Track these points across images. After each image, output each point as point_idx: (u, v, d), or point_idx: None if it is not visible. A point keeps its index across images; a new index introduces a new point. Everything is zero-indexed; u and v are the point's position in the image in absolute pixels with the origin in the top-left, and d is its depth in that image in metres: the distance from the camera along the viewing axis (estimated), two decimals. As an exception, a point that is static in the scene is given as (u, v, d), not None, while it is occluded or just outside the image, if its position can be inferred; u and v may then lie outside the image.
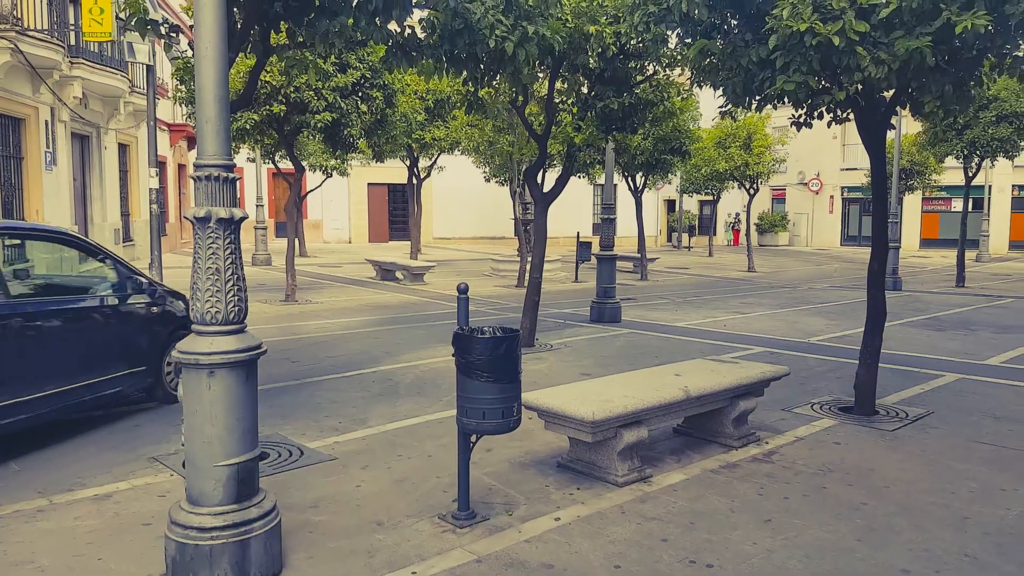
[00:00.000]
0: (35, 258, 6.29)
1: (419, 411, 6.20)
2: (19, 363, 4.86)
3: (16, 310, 4.91)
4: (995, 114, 16.25)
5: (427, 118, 17.91)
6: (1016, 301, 15.16)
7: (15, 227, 5.71)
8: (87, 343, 5.51)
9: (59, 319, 5.26)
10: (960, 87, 5.53)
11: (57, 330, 5.23)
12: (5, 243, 5.58)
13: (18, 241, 5.80)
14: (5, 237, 5.47)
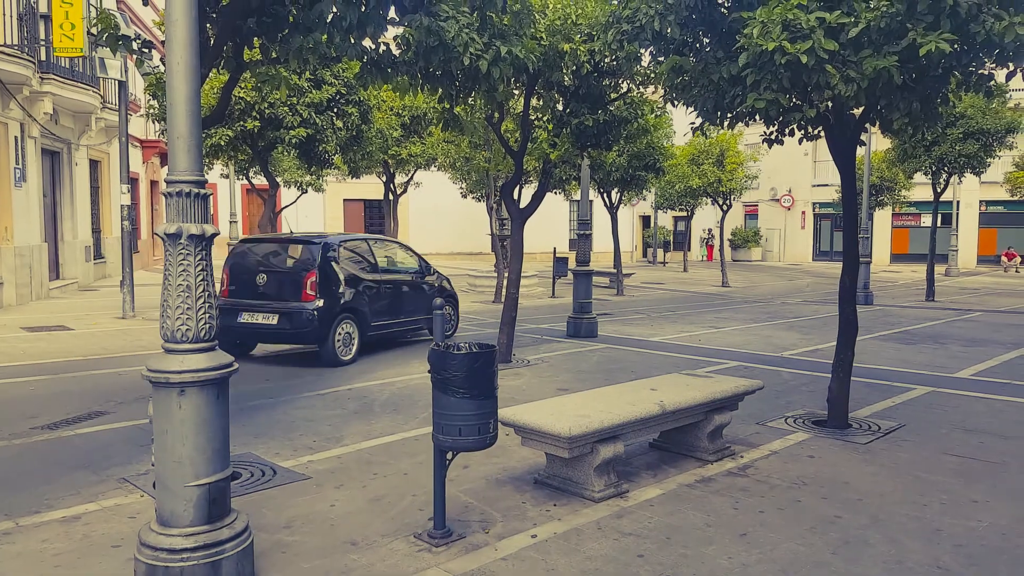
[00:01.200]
0: (386, 252, 10.64)
1: (395, 428, 6.14)
2: (388, 304, 9.99)
3: (383, 277, 9.98)
4: (962, 131, 16.65)
5: (403, 134, 17.92)
6: (985, 315, 15.47)
7: (378, 237, 11.00)
8: (412, 297, 10.50)
9: (401, 284, 10.33)
10: (927, 104, 5.66)
11: (399, 288, 10.29)
12: (373, 245, 10.28)
13: (375, 242, 10.50)
14: (375, 242, 10.46)
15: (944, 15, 4.53)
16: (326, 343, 8.84)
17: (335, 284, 9.03)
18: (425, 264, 11.00)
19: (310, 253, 9.01)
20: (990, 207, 33.14)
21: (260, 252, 9.39)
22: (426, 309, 10.45)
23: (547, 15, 7.59)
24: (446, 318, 7.93)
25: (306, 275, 8.83)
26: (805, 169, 36.97)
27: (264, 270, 9.05)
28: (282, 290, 8.95)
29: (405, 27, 5.67)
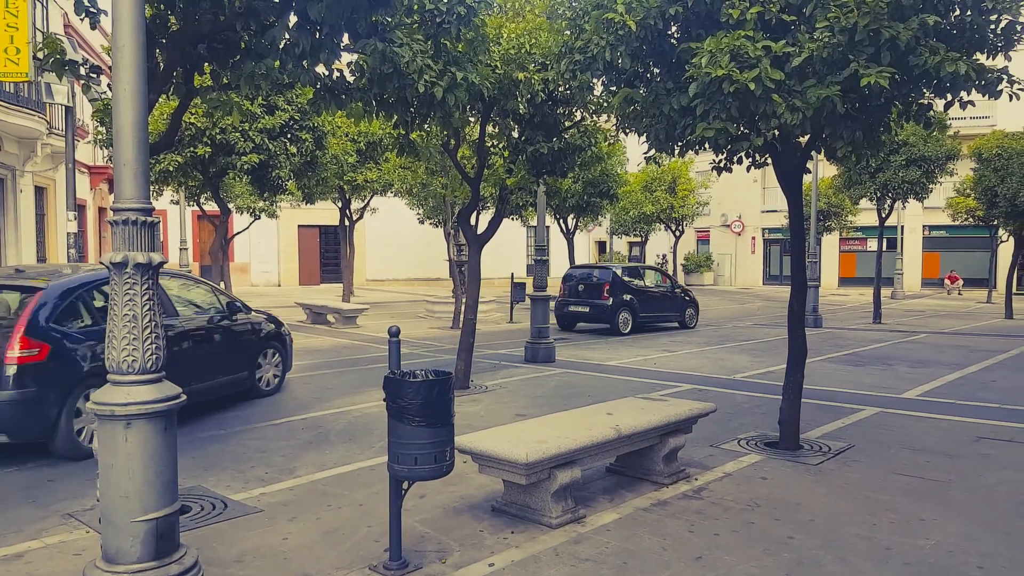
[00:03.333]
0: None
1: (350, 458, 6.04)
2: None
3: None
4: (905, 158, 17.32)
5: (359, 160, 17.87)
6: (930, 336, 15.99)
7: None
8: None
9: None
10: (870, 133, 5.88)
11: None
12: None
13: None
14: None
15: (884, 47, 4.74)
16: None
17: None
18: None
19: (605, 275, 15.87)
20: (933, 231, 34.39)
21: (581, 272, 16.47)
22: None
23: (501, 44, 7.69)
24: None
25: (602, 286, 15.44)
26: (754, 196, 37.93)
27: (584, 281, 15.92)
28: (592, 293, 15.53)
29: (359, 53, 5.68)
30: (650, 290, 16.79)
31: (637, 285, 16.32)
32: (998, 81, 5.23)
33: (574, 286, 16.12)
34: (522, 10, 8.31)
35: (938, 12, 4.86)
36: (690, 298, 17.75)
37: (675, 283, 17.85)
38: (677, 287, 17.70)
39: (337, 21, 5.18)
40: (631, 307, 15.73)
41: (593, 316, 15.66)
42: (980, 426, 7.34)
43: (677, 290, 17.58)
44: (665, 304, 17.00)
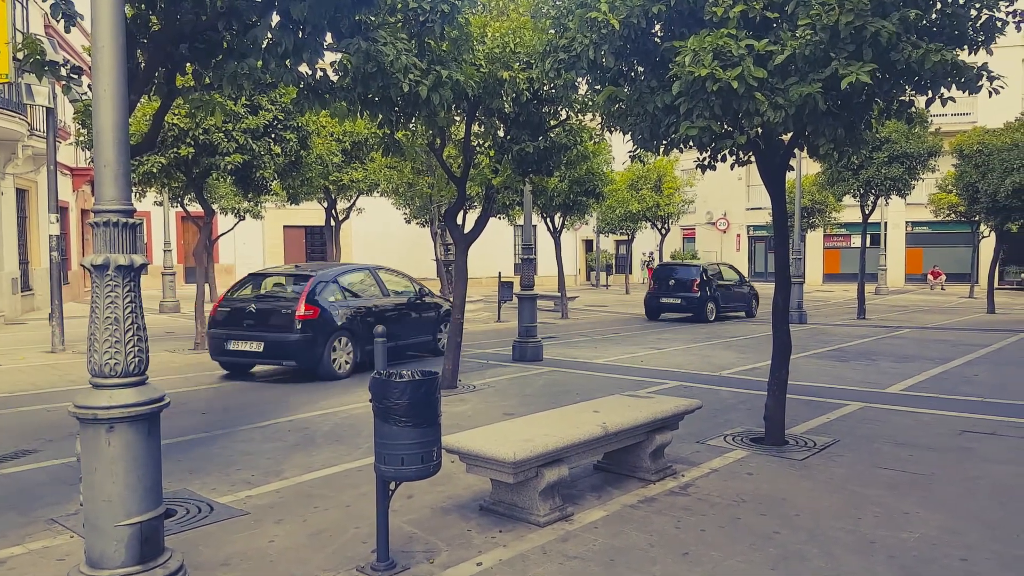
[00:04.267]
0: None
1: (337, 460, 6.01)
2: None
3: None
4: (887, 155, 17.48)
5: (344, 160, 17.79)
6: (913, 331, 16.15)
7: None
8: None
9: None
10: (852, 130, 5.92)
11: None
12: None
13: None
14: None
15: (866, 44, 4.78)
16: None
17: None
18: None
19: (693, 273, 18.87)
20: (916, 227, 34.76)
21: (671, 269, 19.71)
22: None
23: (486, 43, 7.68)
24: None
25: (692, 281, 18.38)
26: (739, 193, 38.15)
27: (673, 276, 18.88)
28: (683, 287, 18.56)
29: (342, 53, 5.66)
30: (727, 284, 19.69)
31: (718, 282, 19.12)
32: (978, 77, 5.28)
33: (665, 281, 18.91)
34: (506, 9, 8.31)
35: (919, 7, 4.90)
36: (754, 292, 20.56)
37: (743, 279, 20.58)
38: (745, 282, 20.47)
39: (320, 20, 5.16)
40: (715, 299, 18.70)
41: (683, 307, 18.54)
42: (963, 420, 7.41)
43: (745, 285, 20.41)
44: (737, 297, 19.96)
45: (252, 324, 9.80)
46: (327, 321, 9.77)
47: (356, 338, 10.06)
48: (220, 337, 9.99)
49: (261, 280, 10.91)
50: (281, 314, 9.73)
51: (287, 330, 9.57)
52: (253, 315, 9.86)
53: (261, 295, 10.49)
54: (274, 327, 9.70)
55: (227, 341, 9.88)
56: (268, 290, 10.66)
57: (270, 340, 9.61)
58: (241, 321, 9.86)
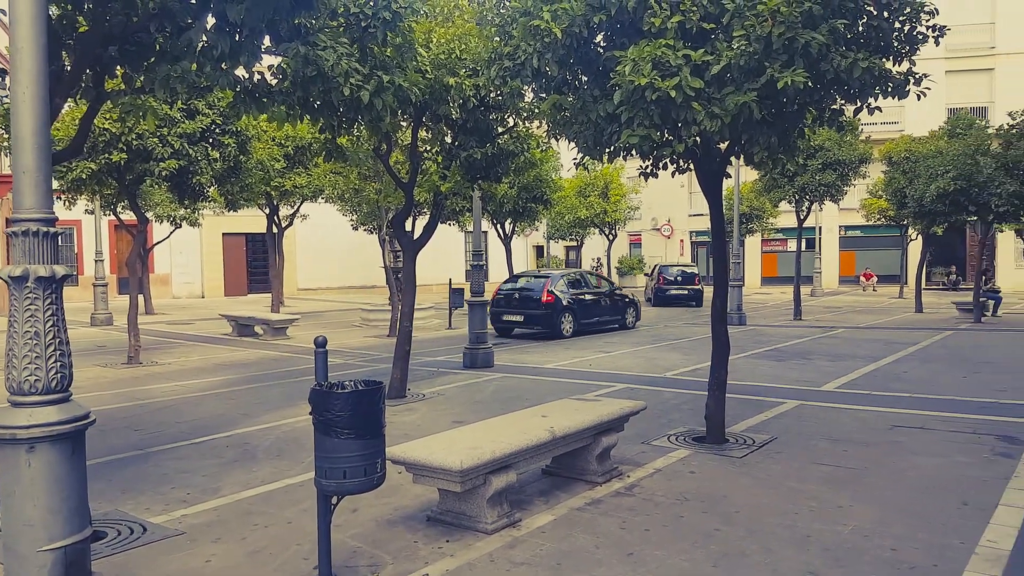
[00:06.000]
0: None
1: (279, 475, 5.87)
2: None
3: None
4: (821, 162, 18.12)
5: (287, 165, 17.46)
6: (847, 331, 16.72)
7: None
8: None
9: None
10: (786, 138, 6.11)
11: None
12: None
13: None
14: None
15: (797, 54, 4.95)
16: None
17: None
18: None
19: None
20: (848, 232, 36.01)
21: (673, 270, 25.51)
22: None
23: (431, 49, 7.65)
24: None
25: (541, 295, 17.26)
26: (682, 200, 38.91)
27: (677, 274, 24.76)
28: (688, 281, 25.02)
29: (281, 56, 5.55)
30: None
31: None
32: (906, 82, 5.53)
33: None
34: (451, 15, 8.30)
35: (846, 19, 5.10)
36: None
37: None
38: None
39: (257, 23, 5.04)
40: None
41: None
42: (893, 415, 7.70)
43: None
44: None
45: (516, 304, 16.28)
46: (559, 303, 15.94)
47: (574, 314, 16.22)
48: (499, 312, 16.37)
49: (518, 279, 17.34)
50: (533, 299, 16.05)
51: (537, 308, 15.93)
52: (517, 299, 16.32)
53: (520, 288, 16.58)
54: (529, 306, 16.07)
55: (503, 314, 16.37)
56: (523, 285, 16.67)
57: (527, 314, 16.12)
58: (510, 302, 16.38)
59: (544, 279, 16.40)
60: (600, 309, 17.26)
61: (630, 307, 18.12)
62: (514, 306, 16.24)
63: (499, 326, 16.44)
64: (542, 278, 16.55)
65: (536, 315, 15.90)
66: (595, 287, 17.69)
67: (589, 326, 16.73)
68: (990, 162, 16.63)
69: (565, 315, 15.98)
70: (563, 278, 16.67)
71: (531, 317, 15.98)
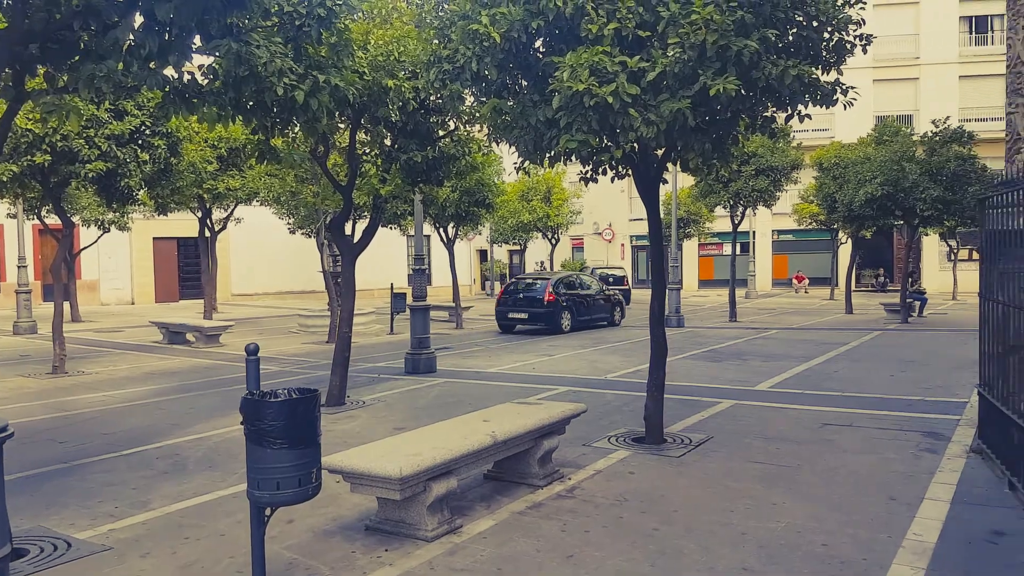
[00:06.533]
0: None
1: (211, 487, 5.69)
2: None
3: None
4: (754, 168, 18.66)
5: (220, 167, 16.97)
6: (779, 332, 17.24)
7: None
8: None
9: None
10: (719, 145, 6.27)
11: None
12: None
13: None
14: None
15: (730, 62, 5.08)
16: None
17: None
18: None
19: None
20: (781, 236, 37.21)
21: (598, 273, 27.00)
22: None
23: (369, 50, 7.56)
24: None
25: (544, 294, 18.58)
26: (622, 205, 39.56)
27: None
28: (617, 283, 26.73)
29: (212, 55, 5.40)
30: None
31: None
32: (833, 91, 5.74)
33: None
34: (389, 17, 8.22)
35: (777, 28, 5.26)
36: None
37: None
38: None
39: (188, 22, 4.89)
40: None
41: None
42: (824, 413, 7.98)
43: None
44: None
45: (522, 304, 17.83)
46: (559, 302, 17.58)
47: (572, 312, 17.97)
48: (504, 310, 18.07)
49: (521, 281, 18.87)
50: (537, 299, 17.64)
51: (540, 307, 17.54)
52: (521, 299, 17.91)
53: (523, 289, 18.24)
54: (534, 305, 17.63)
55: (508, 312, 17.98)
56: (526, 286, 18.28)
57: (531, 312, 17.61)
58: (515, 302, 17.94)
59: (545, 280, 18.20)
60: (592, 308, 19.18)
61: (617, 306, 20.09)
62: (519, 305, 18.03)
63: (503, 323, 18.35)
64: (543, 280, 18.37)
65: (539, 313, 17.65)
66: (587, 288, 19.39)
67: (583, 323, 18.66)
68: (915, 168, 17.42)
69: (564, 313, 17.93)
70: (561, 280, 18.52)
71: (535, 315, 17.70)
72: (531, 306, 17.70)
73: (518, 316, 17.83)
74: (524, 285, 18.40)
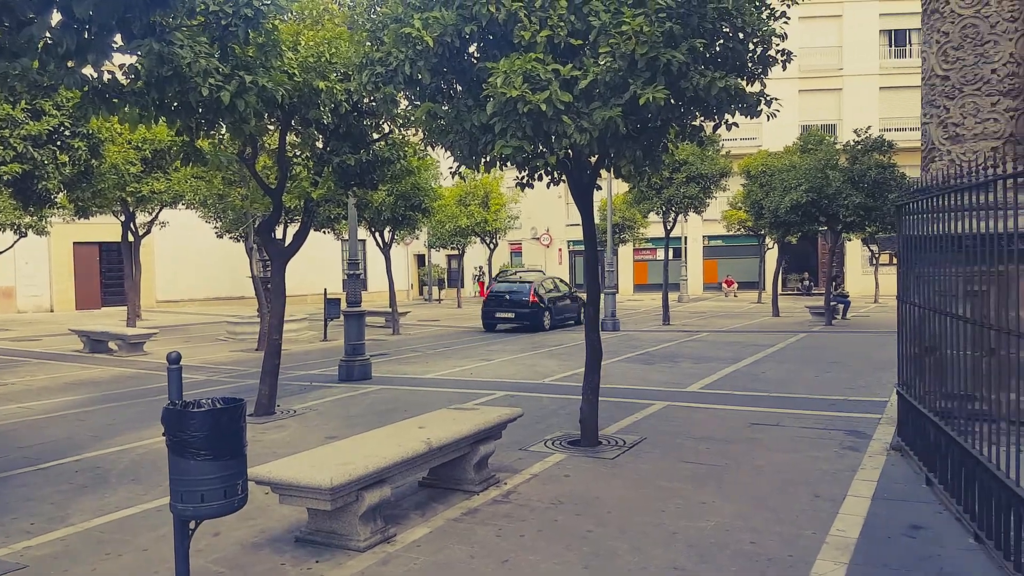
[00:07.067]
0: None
1: (134, 500, 5.47)
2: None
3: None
4: (685, 176, 19.14)
5: (144, 169, 16.36)
6: (710, 335, 17.71)
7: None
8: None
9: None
10: (651, 152, 6.40)
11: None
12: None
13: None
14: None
15: (659, 72, 5.19)
16: None
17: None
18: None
19: None
20: (711, 241, 38.24)
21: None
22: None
23: (300, 51, 7.43)
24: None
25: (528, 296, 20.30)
26: (559, 210, 39.93)
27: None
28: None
29: (134, 54, 5.20)
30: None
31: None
32: (758, 102, 5.93)
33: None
34: (320, 18, 8.10)
35: (704, 39, 5.40)
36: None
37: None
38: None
39: (108, 20, 4.70)
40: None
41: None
42: (752, 413, 8.22)
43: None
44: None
45: (507, 304, 19.65)
46: (541, 303, 19.50)
47: (550, 312, 19.73)
48: (491, 311, 19.93)
49: (504, 285, 20.57)
50: (522, 300, 19.49)
51: (525, 307, 19.44)
52: (507, 300, 19.72)
53: (508, 291, 19.96)
54: (519, 306, 19.50)
55: (495, 312, 19.82)
56: (510, 289, 20.04)
57: (517, 312, 19.52)
58: (501, 303, 19.78)
59: (528, 284, 20.18)
60: (566, 308, 20.91)
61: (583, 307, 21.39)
62: (505, 306, 19.95)
63: (488, 322, 20.18)
64: (526, 283, 20.34)
65: (524, 312, 19.65)
66: (560, 291, 21.08)
67: (559, 321, 20.40)
68: (838, 176, 18.17)
69: (545, 313, 19.79)
70: (540, 283, 20.37)
71: (520, 314, 19.70)
72: (517, 307, 19.70)
73: (505, 316, 19.82)
74: (508, 288, 20.38)
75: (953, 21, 6.41)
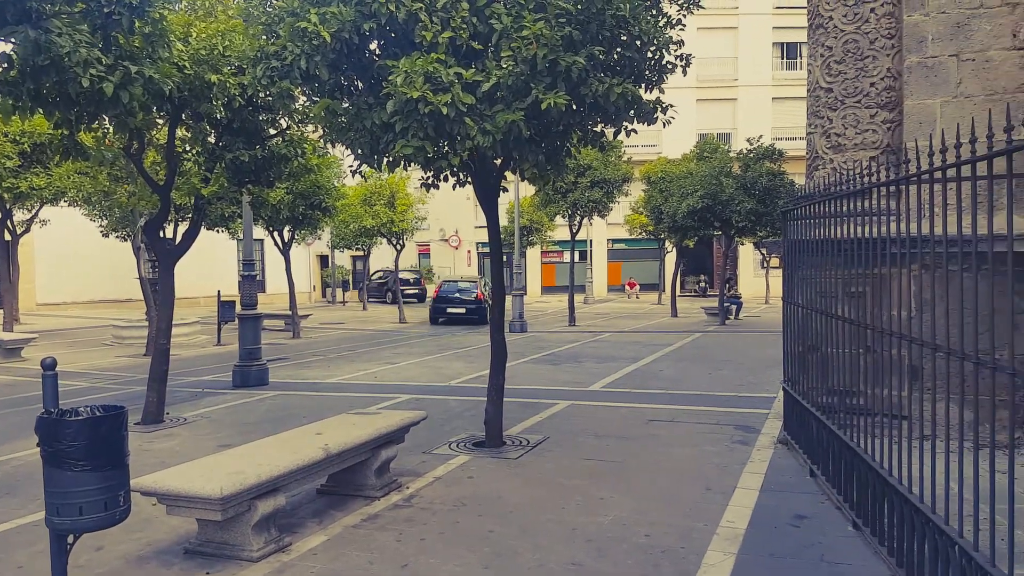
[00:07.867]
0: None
1: (8, 515, 5.08)
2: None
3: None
4: (589, 180, 19.59)
5: (22, 163, 15.21)
6: (612, 335, 18.17)
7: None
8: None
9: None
10: (554, 156, 6.49)
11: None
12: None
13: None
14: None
15: (560, 78, 5.28)
16: None
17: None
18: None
19: None
20: (615, 244, 39.24)
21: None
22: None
23: (191, 43, 7.10)
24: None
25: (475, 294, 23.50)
26: (468, 212, 39.93)
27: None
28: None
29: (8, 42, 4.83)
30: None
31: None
32: (654, 109, 6.12)
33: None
34: (213, 9, 7.77)
35: (603, 46, 5.53)
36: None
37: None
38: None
39: (-26, 2, 4.35)
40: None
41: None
42: (650, 410, 8.49)
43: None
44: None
45: (457, 301, 22.39)
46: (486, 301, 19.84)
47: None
48: (442, 307, 22.63)
49: (455, 283, 23.57)
50: (471, 298, 22.28)
51: (473, 303, 22.19)
52: (457, 297, 22.43)
53: (459, 289, 22.79)
54: (468, 303, 22.21)
55: (446, 308, 22.39)
56: (460, 287, 22.86)
57: (468, 307, 22.16)
58: (451, 300, 22.42)
59: (473, 283, 23.39)
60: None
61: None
62: (455, 302, 22.68)
63: (439, 317, 22.70)
64: (471, 282, 23.61)
65: (473, 308, 22.42)
66: None
67: None
68: (732, 183, 19.04)
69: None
70: (486, 283, 22.36)
71: (470, 310, 22.47)
72: (466, 303, 22.53)
73: (456, 311, 22.55)
74: (456, 287, 23.35)
75: (836, 36, 6.82)
